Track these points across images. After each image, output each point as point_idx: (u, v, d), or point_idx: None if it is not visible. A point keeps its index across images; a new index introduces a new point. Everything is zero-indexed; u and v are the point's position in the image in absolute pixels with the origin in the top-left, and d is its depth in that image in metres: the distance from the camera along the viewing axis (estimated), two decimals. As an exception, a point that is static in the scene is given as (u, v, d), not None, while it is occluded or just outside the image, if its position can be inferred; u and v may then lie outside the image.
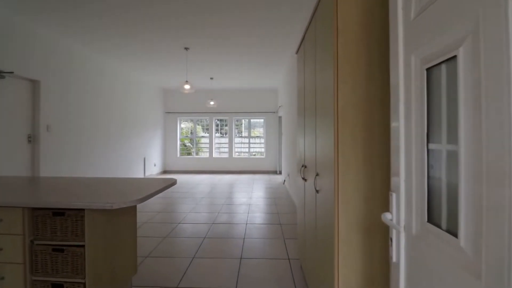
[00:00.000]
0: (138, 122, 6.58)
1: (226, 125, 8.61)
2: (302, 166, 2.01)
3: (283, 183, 5.28)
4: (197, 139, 8.68)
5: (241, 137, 8.66)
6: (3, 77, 3.29)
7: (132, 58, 5.06)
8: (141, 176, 6.71)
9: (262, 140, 8.61)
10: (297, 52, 2.34)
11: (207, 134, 8.60)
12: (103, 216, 1.60)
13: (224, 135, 8.65)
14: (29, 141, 3.65)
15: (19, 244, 1.47)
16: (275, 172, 8.11)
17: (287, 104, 5.62)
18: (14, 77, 3.43)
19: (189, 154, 8.74)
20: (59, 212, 1.48)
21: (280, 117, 7.82)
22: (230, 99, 8.22)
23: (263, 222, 3.51)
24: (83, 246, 1.48)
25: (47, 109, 3.85)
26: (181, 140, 8.67)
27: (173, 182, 2.02)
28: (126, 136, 6.03)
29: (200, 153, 8.68)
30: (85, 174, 4.63)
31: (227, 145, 8.46)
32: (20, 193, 1.60)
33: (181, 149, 8.62)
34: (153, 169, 7.43)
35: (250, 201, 4.67)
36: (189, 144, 8.85)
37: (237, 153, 8.55)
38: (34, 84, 3.73)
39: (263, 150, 8.53)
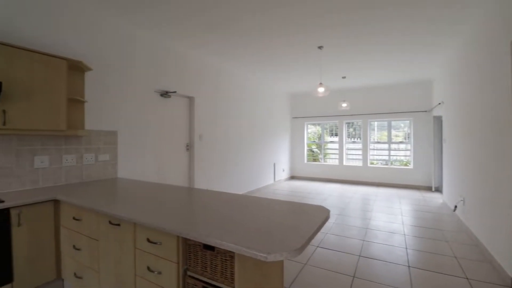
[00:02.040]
0: (269, 129, 6.74)
1: (354, 128, 7.58)
2: None
3: (454, 210, 3.83)
4: (324, 144, 8.10)
5: (376, 142, 7.36)
6: (169, 96, 3.91)
7: (263, 66, 5.10)
8: (271, 181, 6.82)
9: (405, 146, 6.98)
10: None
11: (336, 139, 7.86)
12: (253, 259, 1.31)
13: (357, 140, 7.63)
14: (187, 149, 4.23)
15: (174, 272, 1.38)
16: (428, 189, 6.33)
17: (455, 99, 4.10)
18: (176, 96, 4.03)
19: (315, 160, 8.29)
20: (209, 246, 1.30)
21: (437, 117, 6.04)
22: (364, 99, 7.14)
23: (436, 270, 2.49)
24: (232, 293, 1.23)
25: (199, 121, 4.36)
26: (308, 146, 8.34)
27: (326, 217, 1.54)
28: (259, 143, 6.25)
29: (327, 159, 8.05)
30: (228, 179, 5.02)
31: (360, 151, 7.40)
32: (177, 215, 1.55)
33: (308, 155, 8.28)
34: (282, 175, 7.45)
35: (403, 229, 3.62)
36: (316, 149, 8.39)
37: (372, 161, 7.33)
38: (190, 100, 4.30)
39: (409, 158, 6.90)
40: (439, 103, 5.26)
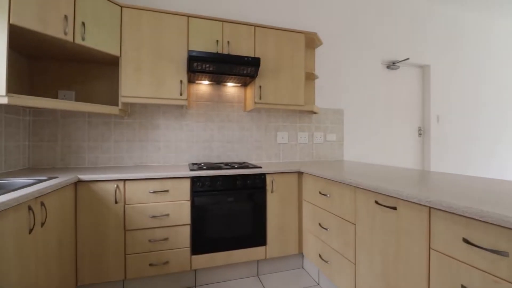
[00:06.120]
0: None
1: None
2: None
3: None
4: None
5: None
6: (397, 67, 3.14)
7: None
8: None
9: None
10: None
11: None
12: None
13: None
14: (419, 134, 3.26)
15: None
16: None
17: None
18: (406, 65, 3.18)
19: None
20: None
21: None
22: None
23: None
24: None
25: (436, 97, 3.25)
26: None
27: None
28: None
29: None
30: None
31: None
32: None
33: None
34: None
35: None
36: None
37: None
38: (424, 70, 3.29)
39: None
40: None
